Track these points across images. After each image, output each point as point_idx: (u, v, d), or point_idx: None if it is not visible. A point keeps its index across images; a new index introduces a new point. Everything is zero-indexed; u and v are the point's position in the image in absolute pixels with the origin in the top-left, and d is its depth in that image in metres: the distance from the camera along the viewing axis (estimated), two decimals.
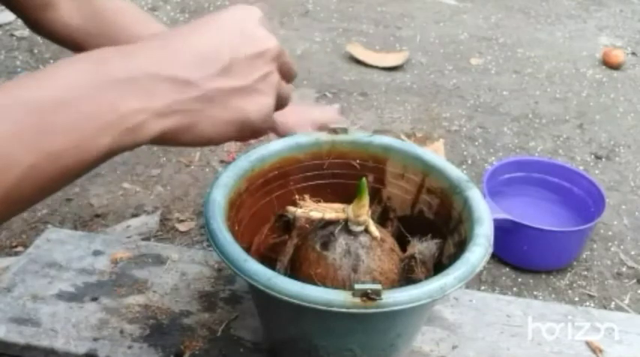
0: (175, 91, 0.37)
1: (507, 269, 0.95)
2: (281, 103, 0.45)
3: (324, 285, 0.56)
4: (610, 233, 1.03)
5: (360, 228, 0.59)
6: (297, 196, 0.64)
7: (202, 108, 0.38)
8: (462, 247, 0.58)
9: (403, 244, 0.64)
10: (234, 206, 0.61)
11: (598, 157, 1.23)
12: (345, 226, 0.59)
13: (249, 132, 0.42)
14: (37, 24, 0.76)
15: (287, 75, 0.45)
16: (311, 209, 0.62)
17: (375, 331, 0.56)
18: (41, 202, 0.36)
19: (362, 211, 0.58)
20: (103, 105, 0.34)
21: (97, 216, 1.00)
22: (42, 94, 0.33)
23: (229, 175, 0.62)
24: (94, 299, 0.72)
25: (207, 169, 1.11)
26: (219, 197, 0.58)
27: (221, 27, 0.41)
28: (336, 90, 1.40)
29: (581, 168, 1.15)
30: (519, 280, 0.93)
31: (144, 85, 0.35)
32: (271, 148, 0.67)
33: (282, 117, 0.68)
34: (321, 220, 0.62)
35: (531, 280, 0.93)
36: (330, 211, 0.61)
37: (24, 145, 0.32)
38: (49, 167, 0.33)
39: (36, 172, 0.32)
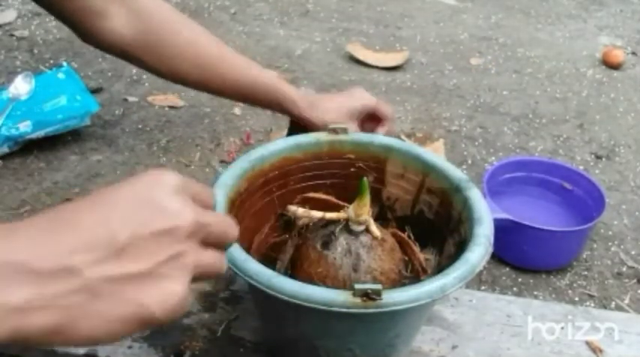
0: (46, 283, 0.29)
1: (507, 269, 0.95)
2: (207, 275, 0.36)
3: (325, 284, 0.56)
4: (610, 233, 1.03)
5: (361, 227, 0.59)
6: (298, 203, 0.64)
7: (83, 302, 0.30)
8: (462, 247, 0.58)
9: (401, 245, 0.64)
10: (234, 206, 0.61)
11: (598, 157, 1.23)
12: (346, 225, 0.59)
13: (153, 326, 0.33)
14: (87, 33, 0.77)
15: (219, 245, 0.37)
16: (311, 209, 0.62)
17: (374, 331, 0.56)
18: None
19: (363, 210, 0.58)
20: None
21: None
22: None
23: (229, 175, 0.62)
24: None
25: (207, 169, 1.11)
26: (219, 197, 0.58)
27: (121, 199, 0.33)
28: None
29: (581, 168, 1.15)
30: (519, 280, 0.93)
31: (14, 275, 0.29)
32: (271, 148, 0.67)
33: (318, 113, 0.76)
34: (322, 219, 0.62)
35: (531, 280, 0.93)
36: (330, 210, 0.61)
37: None
38: None
39: None
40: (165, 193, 0.34)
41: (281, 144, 0.68)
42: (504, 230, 0.84)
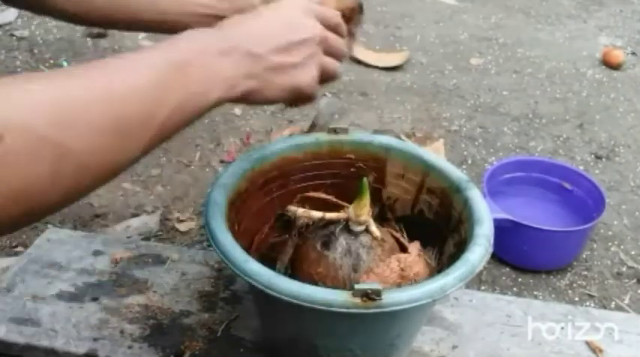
0: (254, 63, 0.49)
1: (507, 269, 0.95)
2: (327, 76, 0.56)
3: (325, 284, 0.56)
4: (610, 233, 1.03)
5: (361, 228, 0.59)
6: (298, 204, 0.64)
7: (269, 76, 0.50)
8: (462, 247, 0.58)
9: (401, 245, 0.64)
10: (234, 206, 0.61)
11: (598, 157, 1.23)
12: (346, 225, 0.59)
13: (299, 97, 0.53)
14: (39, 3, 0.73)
15: (335, 54, 0.56)
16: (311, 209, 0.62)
17: (375, 331, 0.56)
18: None
19: (363, 210, 0.58)
20: (217, 70, 0.46)
21: (97, 216, 1.00)
22: (174, 55, 0.44)
23: (229, 175, 0.62)
24: (94, 299, 0.72)
25: (207, 169, 1.11)
26: (219, 197, 0.58)
27: (281, 16, 0.54)
28: (336, 90, 1.40)
29: (581, 168, 1.15)
30: (519, 280, 0.93)
31: (237, 56, 0.48)
32: (271, 148, 0.67)
33: None
34: (322, 219, 0.62)
35: (531, 280, 0.93)
36: (330, 210, 0.61)
37: (167, 93, 0.42)
38: (180, 112, 0.43)
39: (175, 114, 0.42)
40: (301, 15, 0.54)
41: (281, 144, 0.68)
42: (504, 230, 0.84)
